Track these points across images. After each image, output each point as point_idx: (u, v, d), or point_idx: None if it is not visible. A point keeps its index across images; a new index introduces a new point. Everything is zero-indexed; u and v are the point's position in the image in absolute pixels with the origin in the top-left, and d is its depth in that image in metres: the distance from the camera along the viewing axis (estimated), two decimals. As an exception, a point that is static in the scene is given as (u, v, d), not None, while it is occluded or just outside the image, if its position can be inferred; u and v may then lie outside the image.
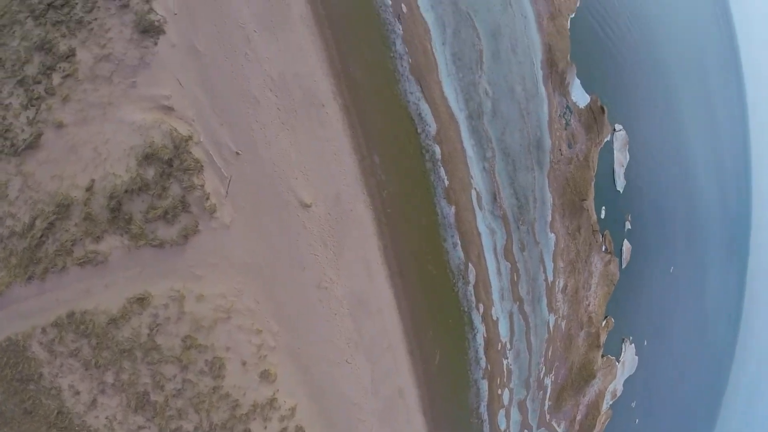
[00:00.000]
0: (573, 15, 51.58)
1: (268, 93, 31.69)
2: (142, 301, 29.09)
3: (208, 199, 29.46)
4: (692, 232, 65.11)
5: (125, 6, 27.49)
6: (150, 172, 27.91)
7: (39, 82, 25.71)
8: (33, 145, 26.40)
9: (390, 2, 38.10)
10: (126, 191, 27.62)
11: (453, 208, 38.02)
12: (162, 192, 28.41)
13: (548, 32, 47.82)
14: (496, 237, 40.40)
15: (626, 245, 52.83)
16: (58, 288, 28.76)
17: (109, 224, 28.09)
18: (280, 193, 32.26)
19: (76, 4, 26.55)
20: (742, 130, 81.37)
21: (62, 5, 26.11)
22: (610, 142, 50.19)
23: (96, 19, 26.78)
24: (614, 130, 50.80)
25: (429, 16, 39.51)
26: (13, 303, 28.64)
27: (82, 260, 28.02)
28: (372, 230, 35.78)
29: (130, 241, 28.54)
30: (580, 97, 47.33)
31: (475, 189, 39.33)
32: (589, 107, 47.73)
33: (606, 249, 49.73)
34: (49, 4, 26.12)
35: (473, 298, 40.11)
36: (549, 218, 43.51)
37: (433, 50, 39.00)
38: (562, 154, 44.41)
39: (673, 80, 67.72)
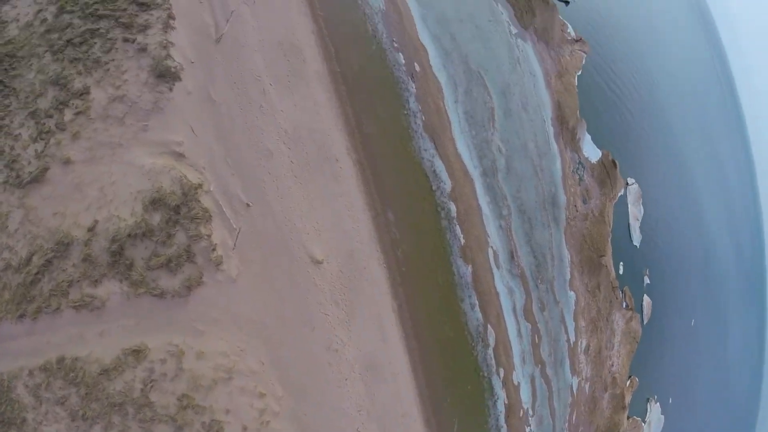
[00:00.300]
0: (580, 72, 52.66)
1: (281, 146, 31.26)
2: (138, 353, 26.86)
3: (214, 250, 27.99)
4: (710, 284, 63.10)
5: (143, 50, 27.54)
6: (156, 218, 26.67)
7: (51, 116, 25.21)
8: (38, 178, 25.57)
9: (403, 61, 38.82)
10: (129, 235, 26.22)
11: (470, 267, 36.49)
12: (167, 239, 27.01)
13: (557, 90, 48.31)
14: (515, 297, 38.62)
15: (646, 300, 50.61)
16: (50, 330, 26.85)
17: (108, 268, 26.46)
18: (291, 248, 30.88)
19: (95, 43, 26.63)
20: (750, 180, 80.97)
21: (81, 43, 26.23)
22: (624, 197, 49.43)
23: (113, 60, 26.79)
24: (627, 184, 50.08)
25: (441, 75, 39.92)
26: (1, 340, 26.72)
27: (77, 303, 26.18)
28: (386, 289, 34.03)
29: (130, 288, 26.71)
30: (591, 152, 47.27)
31: (492, 247, 38.01)
32: (601, 162, 47.40)
33: (627, 305, 47.65)
34: (68, 41, 26.14)
35: (493, 362, 37.69)
36: (568, 276, 41.88)
37: (446, 108, 39.11)
38: (577, 210, 43.46)
39: (679, 133, 67.86)
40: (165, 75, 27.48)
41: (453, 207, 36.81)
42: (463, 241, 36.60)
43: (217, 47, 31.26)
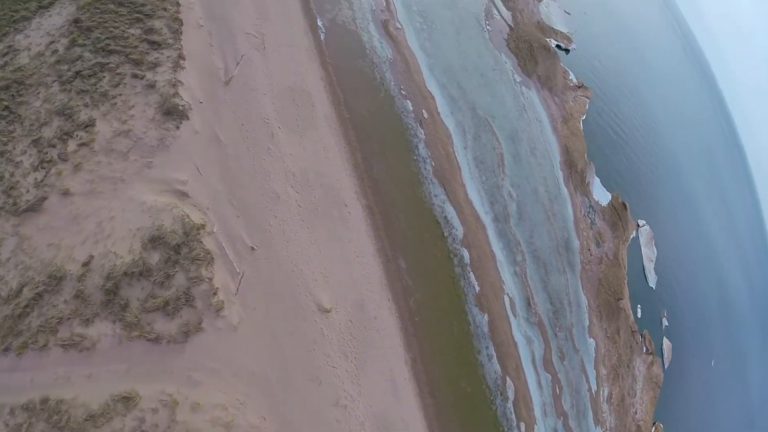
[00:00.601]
0: (584, 117, 53.17)
1: (289, 189, 30.11)
2: (128, 400, 23.95)
3: (215, 294, 25.82)
4: (727, 322, 61.28)
5: (151, 86, 26.91)
6: (154, 257, 24.76)
7: (53, 146, 24.14)
8: (35, 207, 24.05)
9: (411, 108, 38.77)
10: (125, 273, 24.19)
11: (486, 316, 34.48)
12: (165, 280, 24.98)
13: (563, 134, 48.33)
14: (534, 346, 36.43)
15: (666, 343, 48.30)
16: (35, 368, 24.07)
17: (102, 307, 24.34)
18: (297, 295, 28.78)
19: (104, 77, 26.00)
20: (757, 217, 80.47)
21: (90, 76, 25.67)
22: (636, 238, 48.60)
23: (121, 94, 26.08)
24: (638, 225, 49.27)
25: (450, 122, 39.77)
26: (-18, 372, 24.34)
27: (66, 342, 23.83)
28: (398, 341, 31.66)
29: (123, 330, 24.37)
30: (601, 195, 47.15)
31: (508, 294, 36.25)
32: (611, 204, 46.97)
33: (647, 350, 45.49)
34: (77, 72, 25.57)
35: (513, 417, 34.81)
36: (586, 322, 39.94)
37: (456, 154, 38.76)
38: (591, 254, 42.34)
39: (686, 174, 68.19)
40: (172, 112, 26.74)
41: (466, 253, 35.39)
42: (477, 288, 34.86)
43: (226, 89, 30.84)
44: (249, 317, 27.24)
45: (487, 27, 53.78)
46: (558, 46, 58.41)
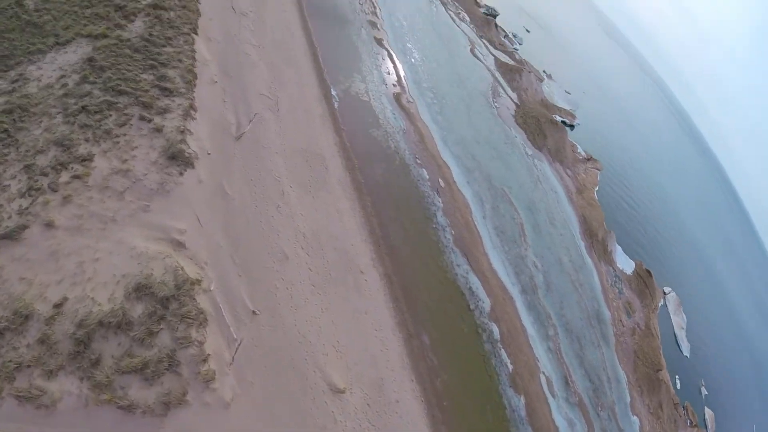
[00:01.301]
0: (597, 188, 52.76)
1: (299, 250, 26.51)
2: None
3: (206, 361, 20.53)
4: (761, 385, 57.87)
5: (158, 130, 24.41)
6: (137, 309, 20.03)
7: (45, 175, 20.93)
8: (14, 235, 20.12)
9: (427, 176, 36.61)
10: (101, 323, 19.36)
11: (522, 398, 29.58)
12: (147, 337, 19.98)
13: (580, 205, 46.64)
14: (576, 429, 31.25)
15: (709, 413, 43.48)
16: None
17: (69, 359, 19.21)
18: (305, 370, 23.66)
19: (110, 115, 23.70)
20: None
21: (96, 112, 23.53)
22: (665, 306, 45.85)
23: (125, 134, 23.59)
24: (665, 293, 46.90)
25: (467, 191, 37.53)
26: None
27: (22, 393, 18.23)
28: (424, 428, 26.09)
29: (91, 391, 18.83)
30: (625, 263, 45.11)
31: (544, 373, 31.68)
32: (636, 272, 44.43)
33: (691, 422, 40.98)
34: (83, 107, 23.40)
35: None
36: (628, 398, 35.09)
37: (475, 223, 36.17)
38: (623, 325, 38.62)
39: (700, 239, 67.87)
40: (177, 158, 23.98)
41: (495, 328, 31.29)
42: (511, 367, 30.30)
43: (236, 143, 28.59)
44: (245, 393, 21.69)
45: (495, 104, 54.55)
46: (563, 122, 59.53)
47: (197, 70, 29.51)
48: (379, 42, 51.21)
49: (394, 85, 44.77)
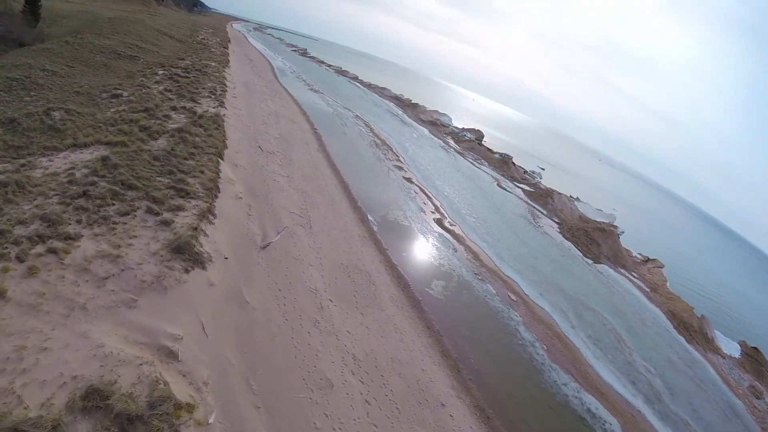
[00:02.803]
0: (668, 283, 47.44)
1: (349, 376, 18.12)
2: None
3: None
4: None
5: (166, 223, 18.74)
6: (80, 427, 10.60)
7: (18, 244, 14.94)
8: None
9: (494, 291, 30.48)
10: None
11: None
12: None
13: (660, 301, 39.66)
14: None
15: None
16: None
17: None
18: None
19: (113, 204, 18.42)
20: None
21: (98, 198, 18.38)
22: (785, 380, 36.93)
23: (126, 223, 17.92)
24: (779, 365, 39.07)
25: (543, 303, 30.75)
26: None
27: None
28: None
29: None
30: (729, 347, 38.06)
31: None
32: (743, 353, 36.76)
33: None
34: (84, 192, 18.35)
35: None
36: None
37: (566, 335, 28.56)
38: (758, 410, 30.42)
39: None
40: (184, 252, 17.68)
41: None
42: None
43: (261, 252, 22.72)
44: None
45: (538, 224, 52.24)
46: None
47: (221, 185, 26.44)
48: (409, 180, 50.68)
49: (432, 212, 42.31)
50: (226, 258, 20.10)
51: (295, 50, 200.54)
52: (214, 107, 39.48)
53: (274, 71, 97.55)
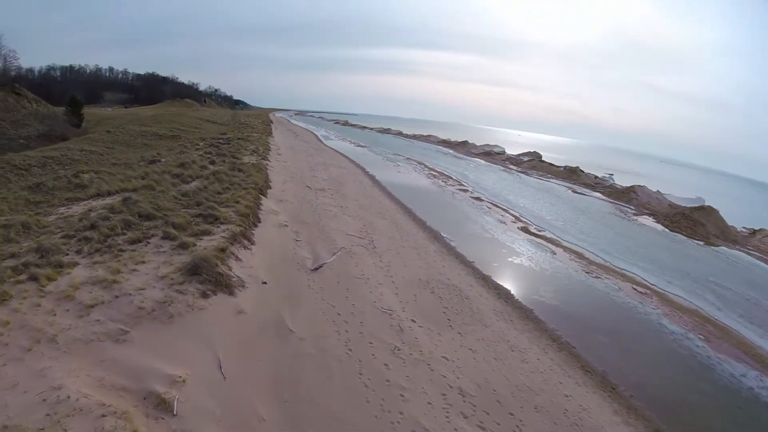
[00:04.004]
0: None
1: (460, 421, 11.93)
2: None
3: None
4: None
5: (183, 247, 15.17)
6: None
7: None
8: None
9: (616, 286, 25.04)
10: None
11: None
12: None
13: None
14: None
15: None
16: None
17: None
18: None
19: (124, 233, 15.45)
20: None
21: (107, 227, 15.86)
22: None
23: (135, 250, 14.57)
24: None
25: (675, 290, 25.23)
26: None
27: None
28: None
29: None
30: None
31: None
32: None
33: None
34: (92, 224, 15.63)
35: None
36: None
37: (717, 318, 23.54)
38: None
39: None
40: (202, 273, 13.53)
41: None
42: None
43: (312, 275, 18.71)
44: None
45: (631, 218, 48.07)
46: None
47: (261, 215, 22.81)
48: (478, 198, 47.43)
49: (513, 222, 38.76)
50: (265, 282, 16.01)
51: (336, 122, 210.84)
52: (256, 160, 37.56)
53: (318, 137, 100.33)
